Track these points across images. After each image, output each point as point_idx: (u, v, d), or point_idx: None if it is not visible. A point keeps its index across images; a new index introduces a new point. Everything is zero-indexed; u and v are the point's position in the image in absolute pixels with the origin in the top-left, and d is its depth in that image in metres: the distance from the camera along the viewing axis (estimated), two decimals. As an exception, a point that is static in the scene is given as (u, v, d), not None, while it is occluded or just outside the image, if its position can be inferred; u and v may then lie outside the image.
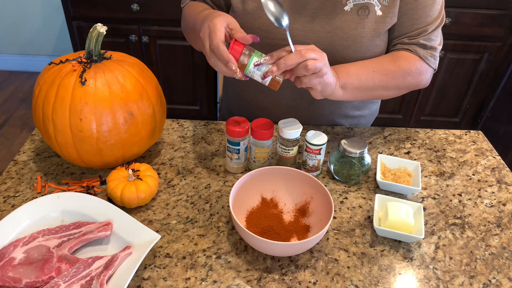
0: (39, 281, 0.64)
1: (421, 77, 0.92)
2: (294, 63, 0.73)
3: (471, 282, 0.70)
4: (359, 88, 0.87)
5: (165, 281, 0.67)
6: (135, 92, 0.79)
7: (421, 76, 0.92)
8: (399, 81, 0.90)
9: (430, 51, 0.92)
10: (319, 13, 0.88)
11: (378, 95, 0.92)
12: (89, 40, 0.78)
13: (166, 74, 2.18)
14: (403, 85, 0.92)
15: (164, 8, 1.95)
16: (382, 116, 2.27)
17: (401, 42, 0.92)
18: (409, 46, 0.91)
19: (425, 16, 0.89)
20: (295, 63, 0.73)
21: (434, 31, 0.91)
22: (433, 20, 0.89)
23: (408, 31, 0.91)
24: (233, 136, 0.83)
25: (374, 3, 0.86)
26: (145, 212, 0.79)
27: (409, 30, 0.90)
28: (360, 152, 0.83)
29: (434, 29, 0.90)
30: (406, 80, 0.91)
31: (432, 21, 0.89)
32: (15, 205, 0.79)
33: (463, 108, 2.28)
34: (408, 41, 0.91)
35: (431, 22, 0.89)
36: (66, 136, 0.77)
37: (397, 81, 0.90)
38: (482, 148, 1.01)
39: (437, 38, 0.92)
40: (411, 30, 0.90)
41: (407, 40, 0.91)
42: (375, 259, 0.72)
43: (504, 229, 0.80)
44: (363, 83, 0.87)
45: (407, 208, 0.76)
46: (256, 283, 0.68)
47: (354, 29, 0.87)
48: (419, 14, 0.88)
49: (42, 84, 0.78)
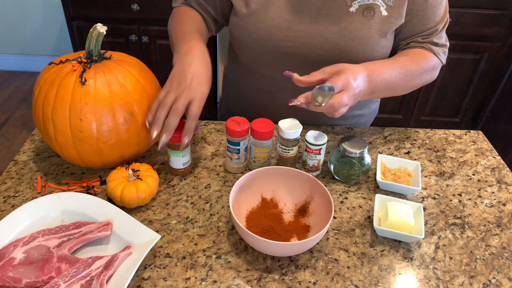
0: (39, 281, 0.64)
1: (434, 72, 0.97)
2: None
3: (471, 282, 0.70)
4: (385, 90, 0.87)
5: (165, 281, 0.67)
6: (135, 92, 0.79)
7: (434, 72, 0.97)
8: (418, 80, 0.93)
9: (442, 48, 0.96)
10: (323, 13, 0.88)
11: (395, 93, 0.93)
12: (89, 40, 0.78)
13: (166, 74, 2.17)
14: (420, 83, 0.94)
15: (164, 8, 1.95)
16: (382, 116, 2.27)
17: (415, 41, 0.95)
18: (424, 44, 0.94)
19: (434, 16, 0.92)
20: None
21: (443, 30, 0.95)
22: (441, 19, 0.93)
23: (421, 31, 0.93)
24: (233, 136, 0.83)
25: (379, 4, 0.87)
26: (145, 212, 0.79)
27: (421, 30, 0.93)
28: (360, 152, 0.83)
29: (442, 27, 0.94)
30: (423, 77, 0.94)
31: (440, 20, 0.93)
32: (15, 205, 0.79)
33: (463, 108, 2.28)
34: (422, 40, 0.94)
35: (439, 21, 0.93)
36: (66, 136, 0.77)
37: (417, 79, 0.92)
38: (482, 148, 1.01)
39: (444, 36, 0.97)
40: (423, 30, 0.93)
41: (421, 39, 0.94)
42: (375, 259, 0.72)
43: (504, 229, 0.80)
44: (390, 85, 0.87)
45: (407, 208, 0.76)
46: (256, 283, 0.68)
47: (360, 30, 0.88)
48: (429, 14, 0.91)
49: (42, 84, 0.78)
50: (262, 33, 0.90)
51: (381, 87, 0.85)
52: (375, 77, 0.83)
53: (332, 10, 0.88)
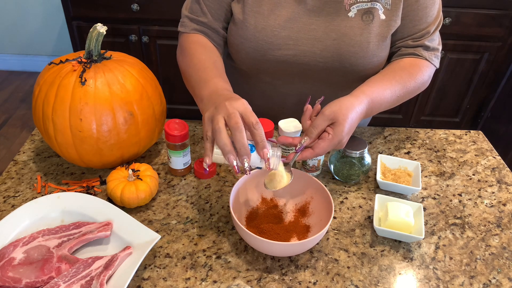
0: (39, 281, 0.64)
1: (429, 80, 0.94)
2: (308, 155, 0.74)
3: (471, 282, 0.70)
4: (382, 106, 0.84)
5: (165, 281, 0.67)
6: (135, 92, 0.79)
7: (428, 79, 0.93)
8: (414, 94, 0.91)
9: (434, 52, 0.93)
10: (322, 19, 0.87)
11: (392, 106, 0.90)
12: (89, 40, 0.78)
13: (166, 74, 2.18)
14: (416, 92, 0.91)
15: (164, 8, 1.95)
16: (382, 116, 2.27)
17: (406, 45, 0.92)
18: (415, 49, 0.91)
19: (426, 17, 0.89)
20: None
21: (435, 32, 0.92)
22: (433, 20, 0.90)
23: (411, 33, 0.91)
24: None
25: (378, 7, 0.86)
26: (145, 212, 0.79)
27: (412, 32, 0.91)
28: (360, 152, 0.83)
29: (435, 29, 0.91)
30: (420, 90, 0.92)
31: (432, 21, 0.90)
32: (15, 205, 0.79)
33: (463, 108, 2.28)
34: (412, 43, 0.91)
35: (431, 23, 0.90)
36: (66, 136, 0.77)
37: (413, 94, 0.91)
38: (482, 148, 1.01)
39: (437, 38, 0.93)
40: (413, 32, 0.90)
41: (411, 42, 0.91)
42: (375, 259, 0.72)
43: (504, 229, 0.80)
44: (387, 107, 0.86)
45: (407, 208, 0.76)
46: (256, 283, 0.67)
47: (360, 35, 0.87)
48: (420, 15, 0.88)
49: (42, 84, 0.78)
50: (261, 42, 0.89)
51: (377, 111, 0.83)
52: (375, 106, 0.81)
53: (331, 16, 0.87)
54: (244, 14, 0.88)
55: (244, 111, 0.66)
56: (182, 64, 0.89)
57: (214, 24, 0.92)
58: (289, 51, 0.89)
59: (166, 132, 0.80)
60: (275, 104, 1.03)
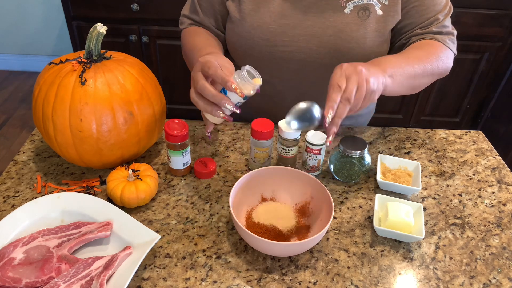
0: (39, 281, 0.64)
1: (448, 61, 0.91)
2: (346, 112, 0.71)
3: (471, 282, 0.70)
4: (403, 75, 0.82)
5: (165, 281, 0.67)
6: (135, 92, 0.79)
7: (448, 60, 0.91)
8: (433, 66, 0.87)
9: (448, 36, 0.91)
10: (318, 16, 0.87)
11: (417, 83, 0.88)
12: (89, 40, 0.78)
13: (166, 74, 2.18)
14: (436, 70, 0.89)
15: (164, 8, 1.95)
16: (382, 116, 2.27)
17: (415, 34, 0.91)
18: (425, 35, 0.90)
19: (433, 5, 0.88)
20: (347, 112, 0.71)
21: (445, 19, 0.91)
22: (442, 8, 0.90)
23: (419, 22, 0.90)
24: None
25: (374, 3, 0.86)
26: (145, 212, 0.79)
27: (419, 21, 0.90)
28: (360, 152, 0.83)
29: (444, 16, 0.90)
30: (438, 65, 0.89)
31: (441, 9, 0.90)
32: (15, 205, 0.79)
33: (463, 108, 2.28)
34: (421, 31, 0.90)
35: (440, 10, 0.89)
36: (66, 136, 0.77)
37: (432, 65, 0.87)
38: (482, 148, 1.01)
39: (449, 25, 0.92)
40: (421, 21, 0.90)
41: (420, 30, 0.91)
42: (375, 259, 0.72)
43: (504, 229, 0.80)
44: (406, 70, 0.82)
45: (407, 208, 0.76)
46: (256, 283, 0.67)
47: (356, 31, 0.87)
48: (427, 4, 0.88)
49: (42, 84, 0.78)
50: (257, 39, 0.89)
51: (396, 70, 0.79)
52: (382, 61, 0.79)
53: (327, 12, 0.87)
54: (240, 12, 0.89)
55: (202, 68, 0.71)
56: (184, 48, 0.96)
57: (206, 22, 0.97)
58: (286, 48, 0.90)
59: (166, 132, 0.80)
60: (273, 103, 1.03)
